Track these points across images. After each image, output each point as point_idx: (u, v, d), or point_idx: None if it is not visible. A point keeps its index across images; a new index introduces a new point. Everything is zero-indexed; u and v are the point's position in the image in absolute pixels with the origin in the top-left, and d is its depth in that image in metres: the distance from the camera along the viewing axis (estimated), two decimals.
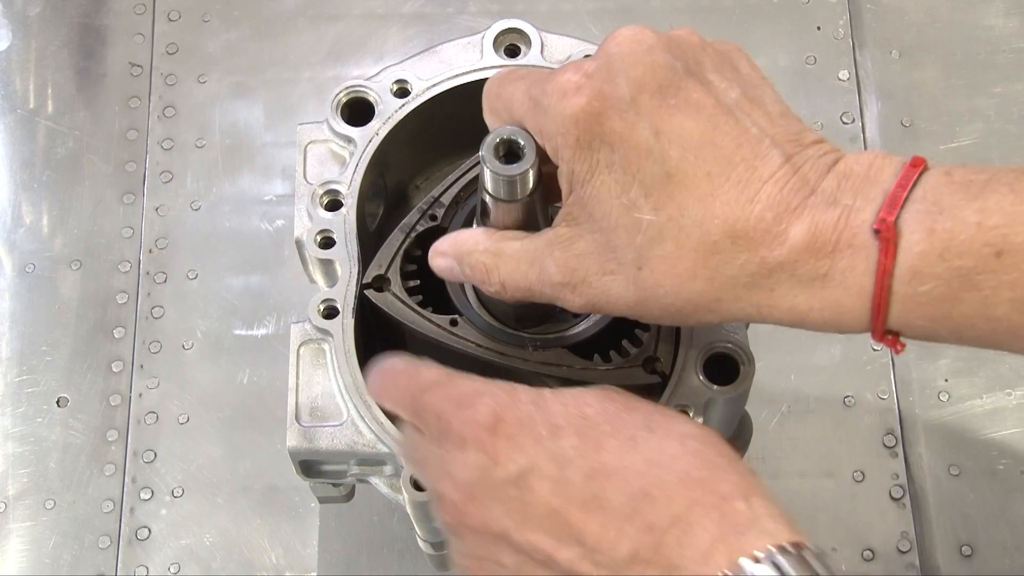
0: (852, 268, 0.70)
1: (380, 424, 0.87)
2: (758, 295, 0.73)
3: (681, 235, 0.72)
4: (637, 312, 0.76)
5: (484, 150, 0.78)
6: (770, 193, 0.71)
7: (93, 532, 1.29)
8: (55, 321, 1.37)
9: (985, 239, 0.67)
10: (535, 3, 1.51)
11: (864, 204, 0.70)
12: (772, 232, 0.71)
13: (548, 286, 0.78)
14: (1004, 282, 0.67)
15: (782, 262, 0.71)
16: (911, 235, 0.69)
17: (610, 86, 0.73)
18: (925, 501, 1.28)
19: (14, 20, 1.51)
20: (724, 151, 0.72)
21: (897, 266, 0.69)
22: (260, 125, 1.46)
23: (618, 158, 0.73)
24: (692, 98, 0.73)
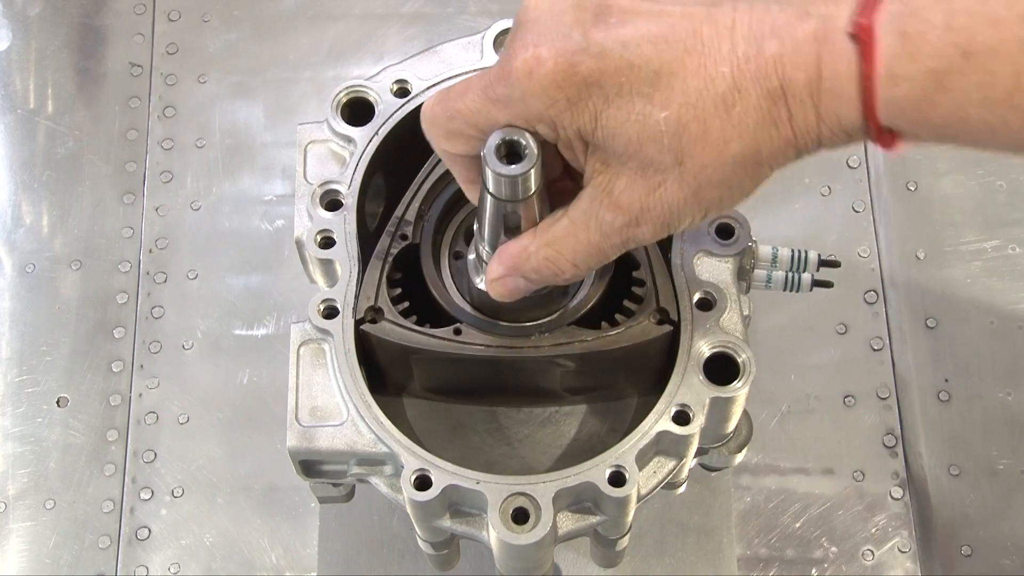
0: (837, 76, 0.72)
1: (380, 424, 0.87)
2: (781, 128, 0.75)
3: (696, 110, 0.74)
4: (699, 204, 0.77)
5: (486, 151, 0.78)
6: (741, 34, 0.74)
7: (93, 532, 1.29)
8: (55, 321, 1.37)
9: (952, 40, 0.69)
10: None
11: (837, 11, 0.72)
12: (759, 62, 0.73)
13: (615, 234, 0.79)
14: (973, 83, 0.69)
15: (781, 86, 0.73)
16: (885, 37, 0.70)
17: (560, 39, 0.75)
18: (925, 501, 1.28)
19: (14, 20, 1.51)
20: (681, 28, 0.74)
21: (876, 71, 0.71)
22: (260, 125, 1.46)
23: (608, 89, 0.75)
24: (624, 7, 0.76)
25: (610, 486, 0.85)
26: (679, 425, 0.87)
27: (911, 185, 1.41)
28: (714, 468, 1.01)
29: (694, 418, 0.87)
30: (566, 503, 0.88)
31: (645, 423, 0.87)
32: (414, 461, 0.86)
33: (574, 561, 1.23)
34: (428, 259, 0.91)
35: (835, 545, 1.28)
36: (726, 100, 0.74)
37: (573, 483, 0.85)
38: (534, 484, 0.85)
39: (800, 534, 1.28)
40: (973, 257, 1.37)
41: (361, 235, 0.93)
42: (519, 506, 0.85)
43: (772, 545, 1.28)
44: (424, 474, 0.86)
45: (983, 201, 1.40)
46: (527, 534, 0.84)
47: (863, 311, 1.36)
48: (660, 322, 0.90)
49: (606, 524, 0.89)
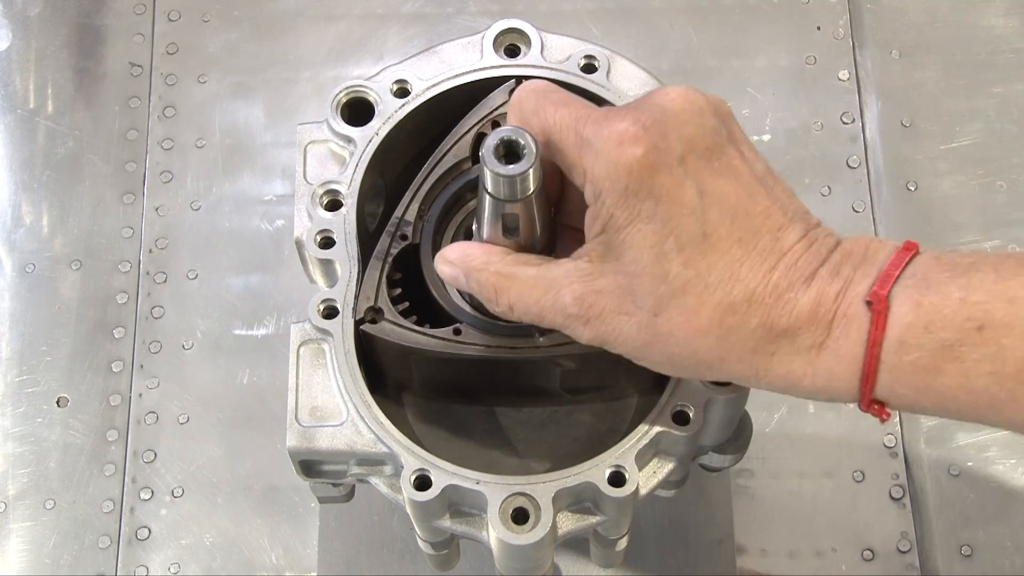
0: (846, 337, 0.74)
1: (380, 424, 0.87)
2: (759, 359, 0.76)
3: (705, 292, 0.75)
4: (641, 354, 0.79)
5: (484, 150, 0.78)
6: (788, 263, 0.75)
7: (93, 532, 1.29)
8: (55, 321, 1.37)
9: (968, 313, 0.71)
10: (535, 3, 1.51)
11: (861, 279, 0.74)
12: (784, 299, 0.75)
13: (560, 315, 0.80)
14: (984, 355, 0.71)
15: (787, 328, 0.75)
16: (900, 307, 0.73)
17: (664, 142, 0.75)
18: (925, 501, 1.28)
19: (14, 20, 1.51)
20: (755, 220, 0.76)
21: (886, 336, 0.73)
22: (260, 125, 1.46)
23: (660, 211, 0.75)
24: (732, 164, 0.77)
25: (610, 486, 0.85)
26: (679, 425, 0.87)
27: (911, 185, 1.41)
28: (714, 468, 1.01)
29: (694, 418, 0.87)
30: (566, 503, 0.88)
31: (645, 423, 0.87)
32: (414, 461, 0.86)
33: (574, 561, 1.23)
34: (428, 259, 0.91)
35: (835, 545, 1.28)
36: (732, 306, 0.75)
37: (573, 483, 0.85)
38: (534, 484, 0.85)
39: (800, 534, 1.28)
40: None
41: (361, 235, 0.93)
42: (519, 506, 0.85)
43: (772, 545, 1.28)
44: (424, 474, 0.86)
45: (983, 201, 1.40)
46: (527, 534, 0.84)
47: None
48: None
49: (606, 524, 0.89)
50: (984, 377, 0.72)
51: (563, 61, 0.97)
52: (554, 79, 0.95)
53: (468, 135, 0.93)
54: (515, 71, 0.97)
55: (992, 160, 1.42)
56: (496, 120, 0.94)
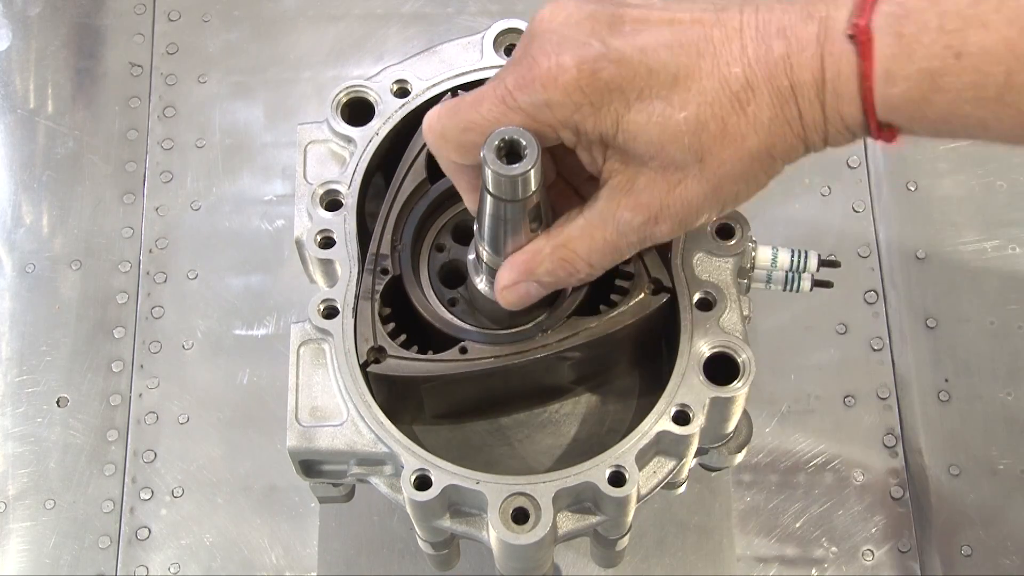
0: (839, 75, 0.75)
1: (380, 424, 0.87)
2: (793, 126, 0.77)
3: (714, 108, 0.76)
4: (717, 200, 0.80)
5: (486, 150, 0.78)
6: (749, 35, 0.76)
7: (93, 532, 1.29)
8: (55, 321, 1.37)
9: (946, 41, 0.72)
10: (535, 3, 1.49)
11: (836, 13, 0.75)
12: (771, 62, 0.76)
13: (633, 232, 0.81)
14: (965, 82, 0.72)
15: (792, 84, 0.76)
16: (882, 38, 0.73)
17: (581, 48, 0.77)
18: (925, 501, 1.28)
19: (14, 20, 1.51)
20: (694, 31, 0.77)
21: (875, 69, 0.74)
22: (260, 125, 1.46)
23: (629, 92, 0.77)
24: (636, 16, 0.78)
25: (610, 486, 0.85)
26: (679, 425, 0.87)
27: (911, 185, 1.41)
28: (714, 468, 1.01)
29: (694, 418, 0.87)
30: (566, 503, 0.88)
31: (645, 423, 0.87)
32: (414, 461, 0.86)
33: (574, 561, 1.23)
34: (414, 287, 0.91)
35: (835, 545, 1.28)
36: (740, 99, 0.76)
37: (573, 483, 0.85)
38: (534, 484, 0.85)
39: (800, 534, 1.28)
40: (973, 257, 1.37)
41: (361, 235, 0.93)
42: (519, 506, 0.85)
43: (772, 545, 1.28)
44: (424, 474, 0.86)
45: (983, 201, 1.40)
46: (527, 534, 0.84)
47: (863, 311, 1.36)
48: (656, 292, 0.90)
49: (606, 524, 0.89)
50: (969, 103, 0.73)
51: None
52: None
53: (421, 156, 0.93)
54: None
55: (992, 160, 1.42)
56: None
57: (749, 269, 0.96)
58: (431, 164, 0.93)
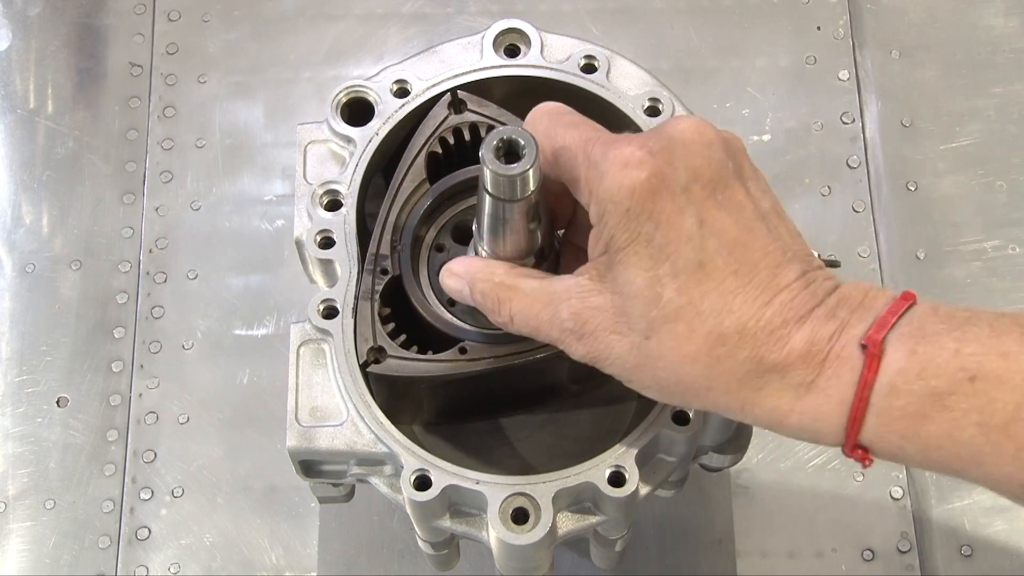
0: (837, 378, 0.75)
1: (380, 424, 0.87)
2: (746, 392, 0.77)
3: (696, 320, 0.76)
4: (631, 376, 0.80)
5: (484, 150, 0.78)
6: (783, 300, 0.76)
7: (93, 532, 1.29)
8: (55, 321, 1.37)
9: (961, 364, 0.73)
10: (535, 3, 1.51)
11: (857, 323, 0.75)
12: (776, 335, 0.76)
13: (556, 329, 0.81)
14: (973, 406, 0.72)
15: (777, 364, 0.76)
16: (894, 353, 0.74)
17: (669, 168, 0.77)
18: (925, 501, 1.28)
19: (14, 20, 1.51)
20: (753, 254, 0.77)
21: (877, 380, 0.74)
22: (260, 125, 1.46)
23: (659, 236, 0.76)
24: (736, 199, 0.78)
25: (610, 486, 0.85)
26: (679, 425, 0.87)
27: (911, 185, 1.41)
28: (714, 468, 1.01)
29: (694, 418, 0.87)
30: (566, 503, 0.88)
31: (645, 423, 0.87)
32: (414, 461, 0.86)
33: (574, 561, 1.23)
34: (414, 288, 0.91)
35: (835, 545, 1.28)
36: (722, 337, 0.76)
37: (573, 483, 0.86)
38: (534, 484, 0.85)
39: (800, 534, 1.28)
40: (973, 257, 1.37)
41: (361, 235, 0.93)
42: (519, 506, 0.85)
43: (772, 545, 1.28)
44: (424, 474, 0.86)
45: (983, 201, 1.40)
46: (527, 534, 0.84)
47: None
48: None
49: (606, 524, 0.89)
50: (971, 427, 0.73)
51: (563, 61, 0.97)
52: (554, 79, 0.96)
53: (420, 156, 0.93)
54: (515, 71, 0.97)
55: (992, 160, 1.42)
56: (443, 137, 0.93)
57: None
58: (431, 164, 0.93)
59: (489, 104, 0.94)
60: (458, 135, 0.94)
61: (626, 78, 0.96)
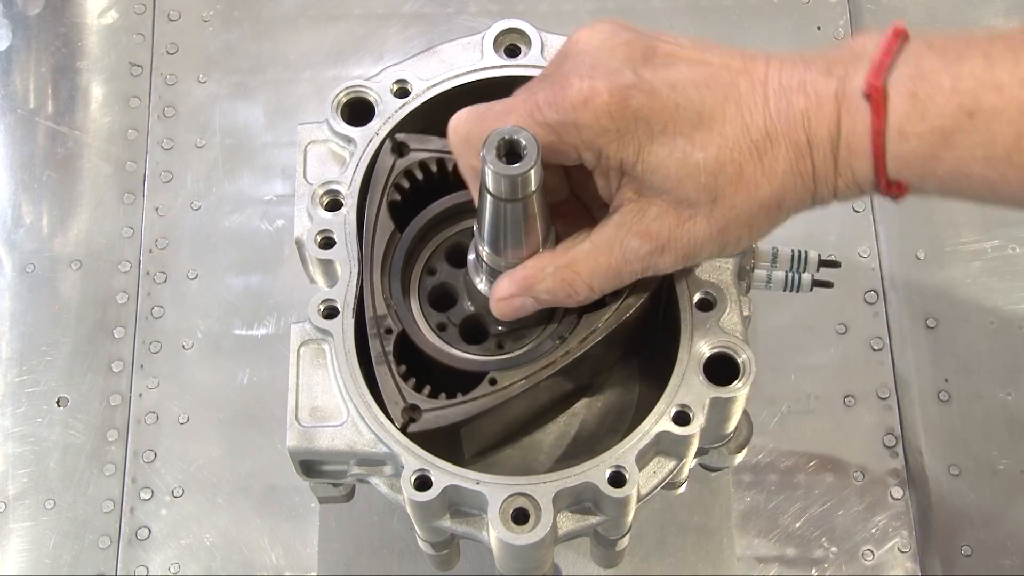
0: (853, 132, 0.77)
1: (380, 424, 0.87)
2: (805, 180, 0.80)
3: (733, 153, 0.79)
4: (722, 241, 0.82)
5: (485, 150, 0.78)
6: (772, 88, 0.79)
7: (93, 532, 1.29)
8: (55, 321, 1.37)
9: (959, 101, 0.74)
10: (535, 3, 1.51)
11: (854, 74, 0.77)
12: (790, 117, 0.78)
13: (637, 260, 0.83)
14: (976, 141, 0.74)
15: (808, 140, 0.78)
16: (896, 97, 0.76)
17: (612, 74, 0.79)
18: (925, 501, 1.28)
19: (14, 20, 1.51)
20: (722, 76, 0.80)
21: (887, 126, 0.76)
22: (260, 125, 1.46)
23: (655, 124, 0.79)
24: (668, 52, 0.81)
25: (610, 486, 0.85)
26: (679, 425, 0.87)
27: None
28: (714, 468, 1.01)
29: (694, 418, 0.87)
30: (566, 503, 0.88)
31: (645, 423, 0.87)
32: (414, 461, 0.86)
33: (574, 561, 1.23)
34: (423, 340, 0.91)
35: (835, 545, 1.28)
36: (759, 147, 0.79)
37: (573, 483, 0.85)
38: (534, 484, 0.85)
39: (800, 534, 1.28)
40: (973, 257, 1.37)
41: (361, 235, 0.93)
42: (519, 506, 0.85)
43: (772, 545, 1.28)
44: (424, 474, 0.86)
45: None
46: (527, 534, 0.84)
47: (863, 311, 1.36)
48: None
49: (606, 524, 0.89)
50: (978, 162, 0.75)
51: None
52: None
53: (383, 208, 0.92)
54: (515, 71, 0.97)
55: None
56: (397, 183, 0.93)
57: (749, 269, 0.96)
58: (395, 213, 0.93)
59: (431, 138, 0.94)
60: (411, 177, 0.94)
61: None
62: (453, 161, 0.93)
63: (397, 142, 0.94)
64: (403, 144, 0.94)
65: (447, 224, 0.95)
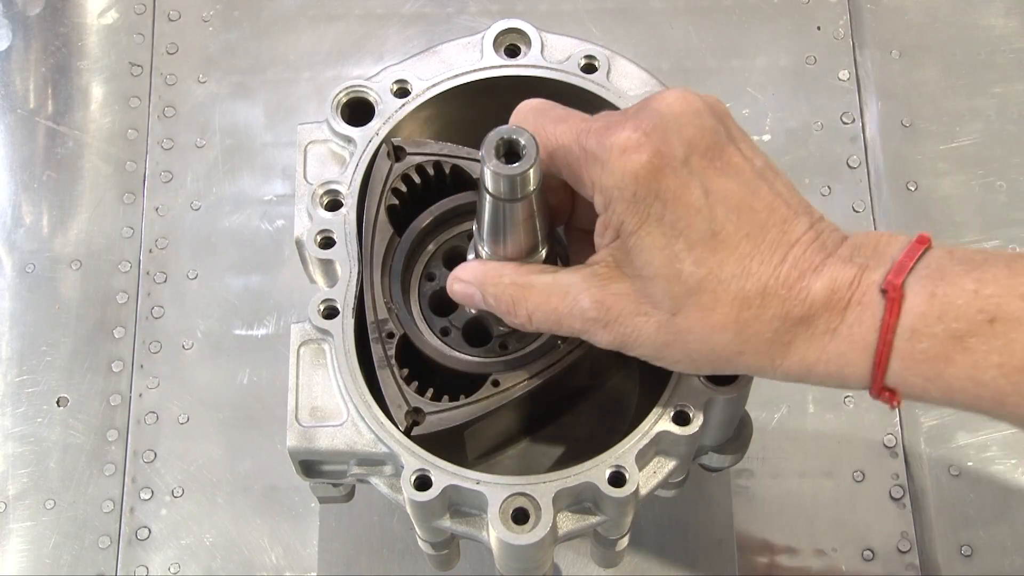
0: (859, 323, 0.76)
1: (380, 424, 0.87)
2: (776, 349, 0.78)
3: (719, 288, 0.77)
4: (661, 354, 0.81)
5: (484, 149, 0.78)
6: (796, 254, 0.77)
7: (93, 532, 1.29)
8: (55, 321, 1.37)
9: (980, 306, 0.74)
10: (535, 3, 1.51)
11: (876, 267, 0.76)
12: (796, 288, 0.77)
13: (579, 320, 0.81)
14: (994, 347, 0.73)
15: (802, 317, 0.77)
16: (914, 297, 0.75)
17: (667, 146, 0.77)
18: (925, 501, 1.28)
19: (14, 20, 1.51)
20: (760, 215, 0.78)
21: (899, 324, 0.75)
22: (260, 125, 1.46)
23: (668, 213, 0.77)
24: (733, 162, 0.79)
25: (610, 486, 0.85)
26: (679, 425, 0.87)
27: (911, 185, 1.41)
28: (714, 468, 1.01)
29: (694, 418, 0.87)
30: (566, 503, 0.88)
31: (645, 423, 0.87)
32: (414, 461, 0.86)
33: (574, 561, 1.23)
34: (424, 343, 0.91)
35: (835, 545, 1.28)
36: (747, 300, 0.77)
37: (573, 483, 0.85)
38: (534, 484, 0.85)
39: (800, 534, 1.28)
40: None
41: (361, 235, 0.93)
42: (519, 506, 0.85)
43: (772, 545, 1.28)
44: (424, 474, 0.86)
45: (983, 201, 1.40)
46: (527, 534, 0.84)
47: None
48: None
49: (606, 524, 0.89)
50: (992, 369, 0.74)
51: (563, 61, 0.97)
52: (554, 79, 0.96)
53: (381, 212, 0.92)
54: (515, 71, 0.97)
55: (992, 160, 1.42)
56: (395, 188, 0.93)
57: None
58: (393, 217, 0.93)
59: (427, 142, 0.94)
60: (408, 181, 0.94)
61: (626, 78, 0.96)
62: (451, 163, 0.93)
63: (394, 146, 0.94)
64: (400, 148, 0.94)
65: (446, 227, 0.95)
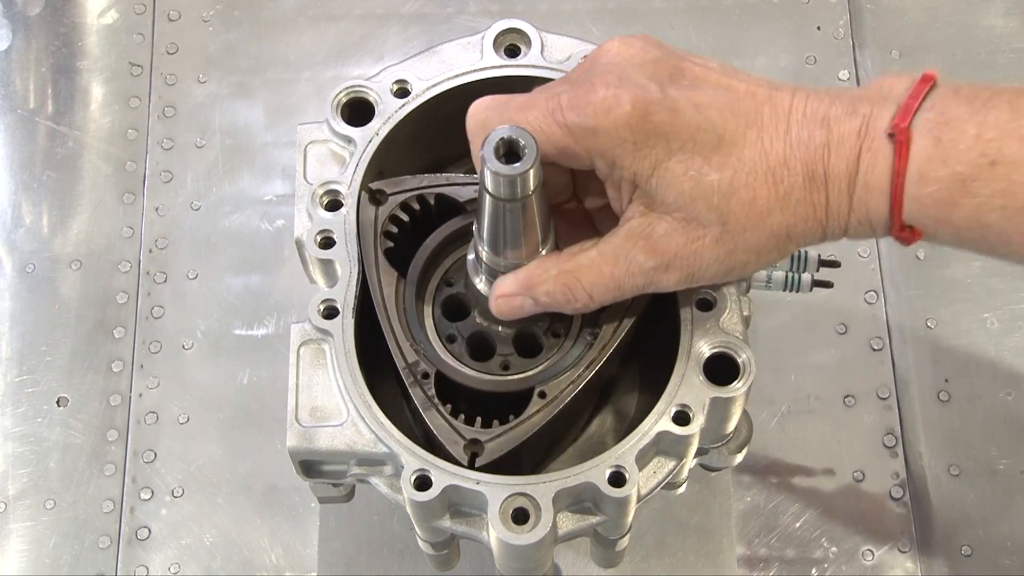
0: (873, 169, 0.78)
1: (380, 424, 0.87)
2: (817, 212, 0.80)
3: (749, 177, 0.79)
4: (728, 265, 0.83)
5: (485, 151, 0.78)
6: (796, 118, 0.80)
7: (93, 532, 1.29)
8: (55, 321, 1.37)
9: (982, 150, 0.75)
10: (535, 3, 1.51)
11: (880, 113, 0.78)
12: (811, 147, 0.79)
13: (641, 275, 0.83)
14: (996, 190, 0.75)
15: (825, 173, 0.79)
16: (920, 140, 0.77)
17: (639, 88, 0.79)
18: (925, 501, 1.28)
19: (14, 20, 1.51)
20: (747, 102, 0.81)
21: (908, 169, 0.77)
22: (260, 125, 1.46)
23: (673, 142, 0.79)
24: (696, 74, 0.82)
25: (610, 486, 0.85)
26: (679, 425, 0.87)
27: None
28: (714, 468, 1.01)
29: (694, 418, 0.87)
30: (566, 503, 0.88)
31: (645, 423, 0.87)
32: (414, 461, 0.86)
33: (574, 561, 1.23)
34: (462, 376, 0.91)
35: (835, 545, 1.28)
36: (775, 174, 0.79)
37: (573, 483, 0.85)
38: (534, 484, 0.85)
39: (800, 534, 1.28)
40: (973, 257, 1.37)
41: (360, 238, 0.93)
42: (519, 506, 0.85)
43: (772, 545, 1.28)
44: (424, 474, 0.86)
45: None
46: (527, 534, 0.84)
47: (863, 311, 1.36)
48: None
49: (606, 524, 0.89)
50: (995, 211, 0.76)
51: (563, 61, 0.97)
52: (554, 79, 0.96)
53: (380, 258, 0.92)
54: (515, 71, 0.97)
55: None
56: (387, 231, 0.93)
57: None
58: (392, 258, 0.92)
59: (404, 179, 0.94)
60: (397, 221, 0.93)
61: None
62: (433, 194, 0.93)
63: (372, 191, 0.93)
64: (379, 191, 0.93)
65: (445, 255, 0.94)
